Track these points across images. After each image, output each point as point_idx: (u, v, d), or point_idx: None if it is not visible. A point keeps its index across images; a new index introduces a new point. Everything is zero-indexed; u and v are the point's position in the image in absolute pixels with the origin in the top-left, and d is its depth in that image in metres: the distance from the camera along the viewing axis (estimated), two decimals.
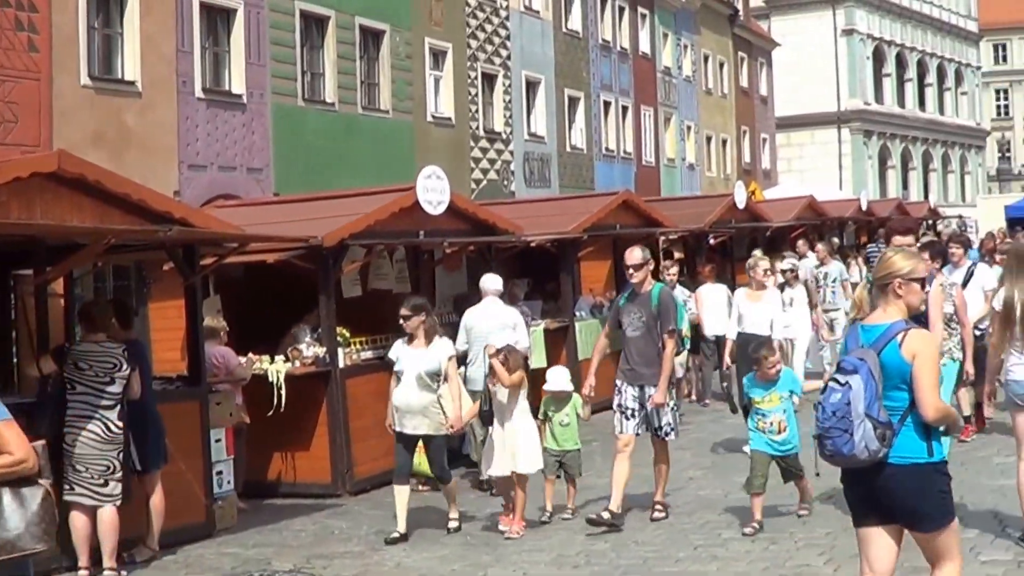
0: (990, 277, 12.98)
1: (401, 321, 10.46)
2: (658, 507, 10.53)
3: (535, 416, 10.58)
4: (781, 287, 15.86)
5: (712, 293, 17.05)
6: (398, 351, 10.52)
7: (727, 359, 13.42)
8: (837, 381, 5.59)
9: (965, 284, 12.51)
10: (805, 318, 16.24)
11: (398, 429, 10.40)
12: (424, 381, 10.24)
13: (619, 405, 10.35)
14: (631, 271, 10.38)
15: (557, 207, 20.18)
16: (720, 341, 15.06)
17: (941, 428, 5.69)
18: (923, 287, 6.03)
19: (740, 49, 55.90)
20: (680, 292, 15.46)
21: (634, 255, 10.41)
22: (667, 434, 10.33)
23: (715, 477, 12.28)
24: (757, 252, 17.52)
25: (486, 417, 10.89)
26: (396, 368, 10.44)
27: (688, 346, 14.25)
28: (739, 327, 13.42)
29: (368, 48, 28.67)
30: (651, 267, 10.50)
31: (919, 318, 6.48)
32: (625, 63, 43.19)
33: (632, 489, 10.51)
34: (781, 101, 63.98)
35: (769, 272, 13.94)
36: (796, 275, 16.50)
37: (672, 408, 10.36)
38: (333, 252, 12.47)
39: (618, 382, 10.43)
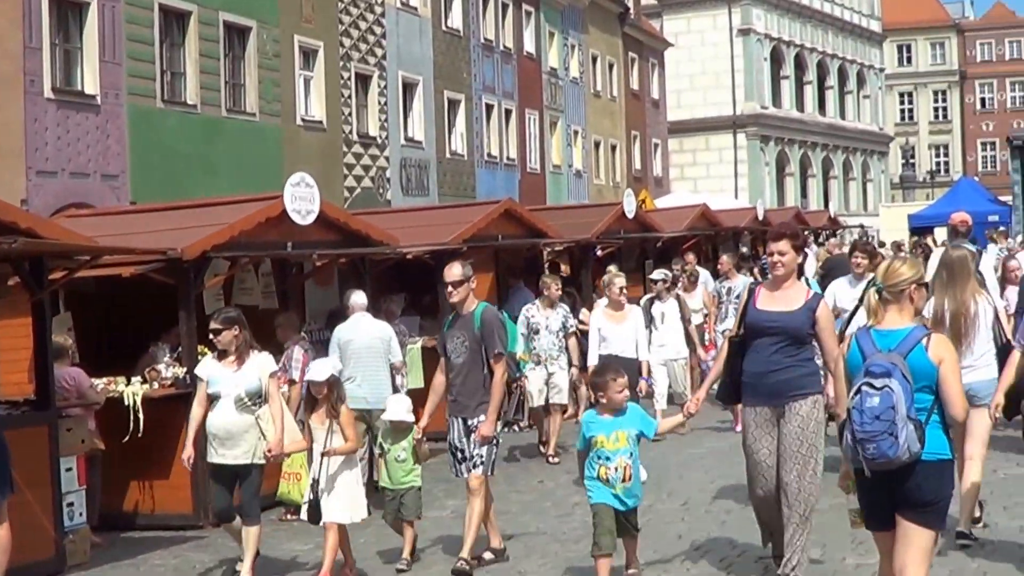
0: None
1: (211, 336, 10.03)
2: (486, 554, 10.09)
3: (378, 447, 10.25)
4: (651, 301, 15.93)
5: None
6: (209, 370, 9.98)
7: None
8: (872, 385, 6.15)
9: (863, 300, 12.33)
10: (679, 335, 16.06)
11: (214, 460, 9.91)
12: (244, 403, 9.79)
13: (449, 443, 10.02)
14: (450, 289, 9.92)
15: (436, 216, 20.29)
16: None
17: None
18: (926, 290, 7.47)
19: (631, 49, 56.54)
20: (560, 310, 15.07)
21: (452, 271, 9.94)
22: (475, 466, 9.80)
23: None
24: (612, 268, 17.01)
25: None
26: (210, 390, 9.88)
27: (523, 371, 13.08)
28: (601, 350, 13.29)
29: (233, 46, 28.59)
30: (473, 284, 10.08)
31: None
32: (509, 64, 43.49)
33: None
34: (674, 105, 64.81)
35: (626, 290, 13.81)
36: (668, 287, 16.24)
37: (494, 443, 9.88)
38: (194, 265, 12.44)
39: (448, 416, 10.08)
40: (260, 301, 14.52)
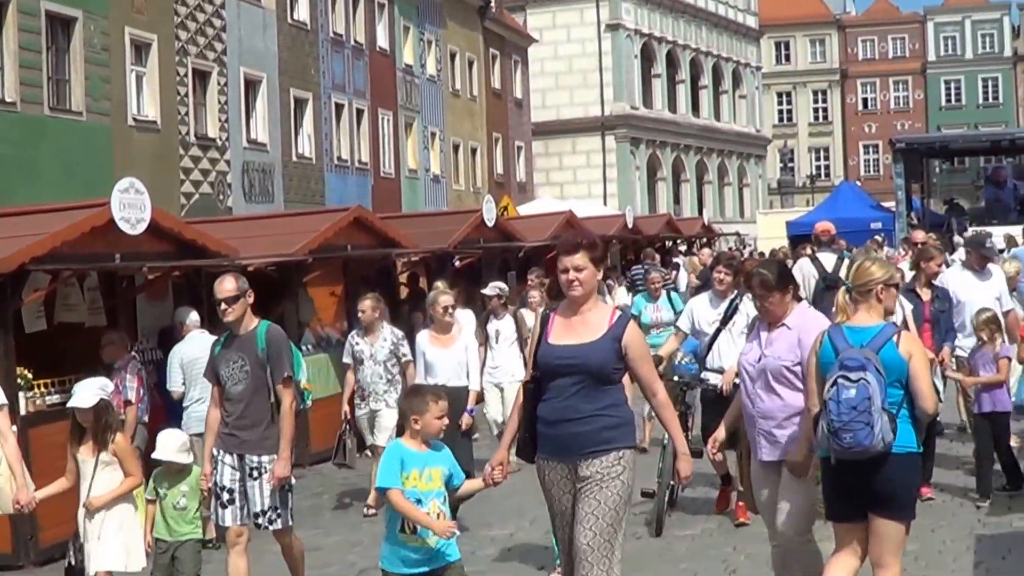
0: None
1: None
2: None
3: (150, 491, 9.49)
4: (487, 318, 15.54)
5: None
6: None
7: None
8: (848, 378, 7.06)
9: (727, 320, 11.58)
10: (516, 356, 15.08)
11: None
12: None
13: (216, 484, 9.40)
14: (223, 307, 9.38)
15: (280, 225, 20.24)
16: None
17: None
18: (897, 291, 8.19)
19: (492, 45, 56.80)
20: (390, 336, 13.65)
21: (225, 286, 9.41)
22: (271, 522, 9.33)
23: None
24: (439, 284, 16.38)
25: None
26: None
27: (308, 402, 12.23)
28: (427, 379, 12.47)
29: (57, 38, 28.24)
30: (250, 299, 9.54)
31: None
32: (360, 60, 43.49)
33: None
34: (538, 105, 65.20)
35: (452, 309, 12.95)
36: (504, 303, 15.71)
37: (287, 487, 9.38)
38: (11, 279, 12.31)
39: (215, 451, 9.48)
40: (86, 318, 14.38)
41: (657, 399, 7.53)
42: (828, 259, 16.15)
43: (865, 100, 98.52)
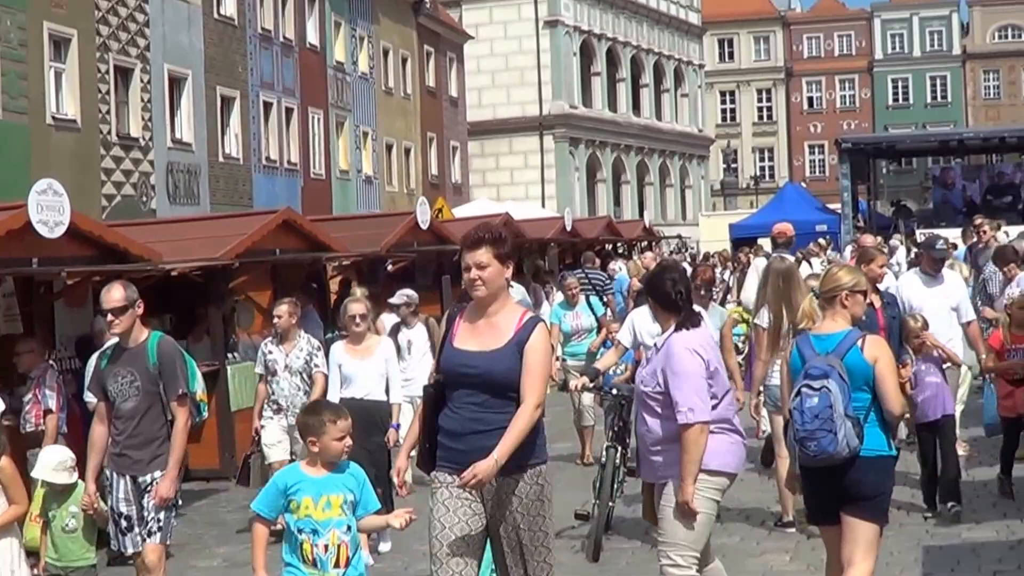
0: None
1: None
2: None
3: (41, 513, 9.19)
4: (396, 328, 15.10)
5: None
6: None
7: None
8: (811, 387, 7.41)
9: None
10: (429, 369, 14.01)
11: None
12: None
13: (112, 509, 9.14)
14: (110, 317, 9.05)
15: (206, 228, 20.13)
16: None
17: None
18: (865, 298, 8.03)
19: (426, 42, 56.80)
20: (305, 345, 13.07)
21: (112, 295, 9.06)
22: (151, 533, 8.98)
23: None
24: (356, 290, 15.82)
25: None
26: None
27: (204, 414, 12.11)
28: (343, 393, 11.96)
29: None
30: (139, 310, 9.17)
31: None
32: (290, 57, 43.39)
33: None
34: (474, 104, 65.25)
35: (363, 318, 12.21)
36: (414, 311, 15.28)
37: (173, 505, 9.13)
38: None
39: (110, 474, 9.18)
40: (2, 326, 14.28)
41: (523, 408, 6.75)
42: None
43: (810, 99, 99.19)
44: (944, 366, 11.99)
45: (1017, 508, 11.84)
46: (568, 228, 35.51)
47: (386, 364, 12.24)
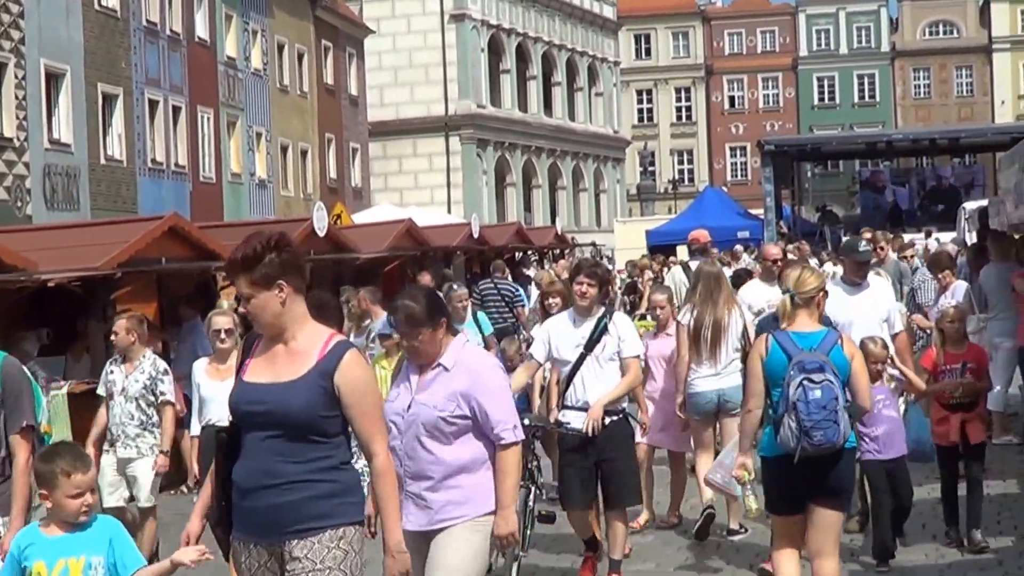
0: (628, 332, 10.79)
1: None
2: None
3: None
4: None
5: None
6: None
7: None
8: (812, 380, 8.22)
9: (593, 344, 10.47)
10: None
11: None
12: None
13: None
14: None
15: (87, 235, 19.99)
16: None
17: None
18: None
19: (324, 37, 56.67)
20: (149, 366, 12.28)
21: None
22: None
23: None
24: (225, 303, 15.04)
25: None
26: None
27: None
28: (202, 418, 11.28)
29: None
30: None
31: None
32: (177, 52, 43.12)
33: None
34: (375, 103, 65.14)
35: (229, 333, 11.46)
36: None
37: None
38: None
39: None
40: None
41: (376, 462, 6.25)
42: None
43: (732, 98, 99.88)
44: (907, 399, 11.86)
45: (947, 531, 11.62)
46: (475, 235, 35.59)
47: None
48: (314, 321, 6.30)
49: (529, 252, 41.27)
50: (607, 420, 10.28)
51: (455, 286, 16.51)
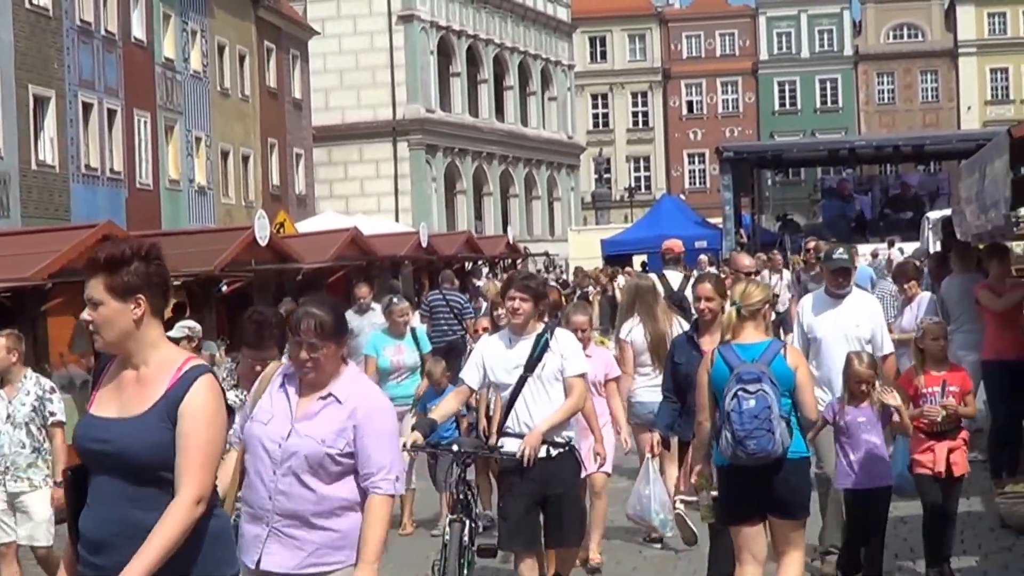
0: (571, 349, 10.04)
1: None
2: None
3: None
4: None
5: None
6: None
7: None
8: (747, 390, 8.60)
9: (533, 364, 9.81)
10: None
11: None
12: None
13: None
14: None
15: (16, 244, 19.96)
16: None
17: None
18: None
19: (266, 38, 56.56)
20: (33, 388, 11.63)
21: None
22: None
23: None
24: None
25: None
26: None
27: None
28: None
29: None
30: None
31: None
32: (113, 53, 42.97)
33: None
34: (320, 107, 65.02)
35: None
36: (198, 347, 14.53)
37: None
38: None
39: None
40: None
41: (174, 504, 5.30)
42: (675, 277, 17.24)
43: (690, 103, 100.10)
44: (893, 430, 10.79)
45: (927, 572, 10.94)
46: (424, 244, 35.64)
47: None
48: (169, 344, 5.64)
49: (480, 262, 41.29)
50: (553, 452, 9.63)
51: (395, 299, 15.82)
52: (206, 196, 49.45)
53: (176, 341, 13.22)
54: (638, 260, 39.97)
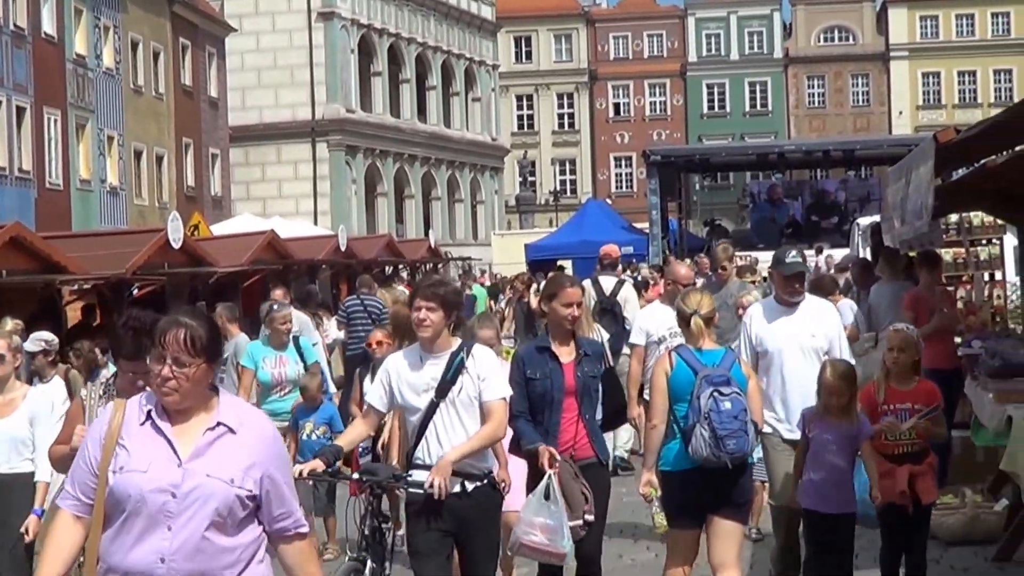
0: (490, 369, 8.86)
1: None
2: None
3: None
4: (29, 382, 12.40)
5: None
6: None
7: None
8: (722, 392, 9.00)
9: (446, 388, 8.69)
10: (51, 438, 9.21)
11: None
12: None
13: None
14: None
15: None
16: None
17: None
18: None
19: (182, 35, 56.34)
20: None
21: None
22: None
23: None
24: (9, 322, 14.36)
25: None
26: None
27: None
28: None
29: None
30: None
31: None
32: (22, 48, 42.70)
33: None
34: (237, 106, 64.84)
35: (9, 355, 10.22)
36: (53, 360, 13.62)
37: None
38: None
39: None
40: None
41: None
42: (608, 282, 17.25)
43: (617, 105, 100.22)
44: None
45: None
46: (343, 248, 35.60)
47: (31, 425, 10.18)
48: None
49: (400, 266, 41.29)
50: (469, 486, 8.62)
51: (276, 306, 14.96)
52: (118, 197, 49.17)
53: (32, 355, 13.26)
54: (566, 266, 40.10)
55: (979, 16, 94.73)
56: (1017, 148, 11.04)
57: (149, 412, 5.67)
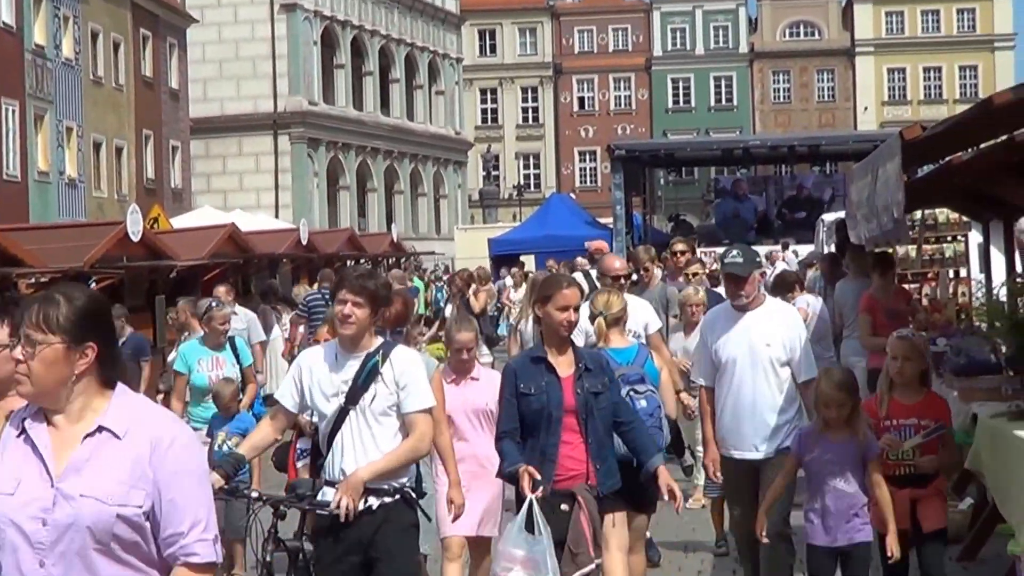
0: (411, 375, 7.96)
1: None
2: None
3: None
4: None
5: None
6: None
7: None
8: (637, 391, 9.30)
9: (357, 393, 7.77)
10: None
11: None
12: None
13: None
14: None
15: None
16: None
17: None
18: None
19: (142, 25, 56.14)
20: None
21: None
22: None
23: None
24: None
25: None
26: None
27: None
28: None
29: None
30: None
31: None
32: None
33: None
34: (198, 97, 64.75)
35: None
36: None
37: None
38: None
39: None
40: None
41: None
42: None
43: (581, 99, 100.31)
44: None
45: None
46: (304, 241, 35.51)
47: None
48: None
49: (363, 260, 41.15)
50: (375, 502, 7.67)
51: (215, 303, 14.06)
52: (77, 189, 48.97)
53: None
54: (528, 260, 40.05)
55: (944, 12, 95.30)
56: (982, 145, 11.07)
57: (22, 422, 4.68)
